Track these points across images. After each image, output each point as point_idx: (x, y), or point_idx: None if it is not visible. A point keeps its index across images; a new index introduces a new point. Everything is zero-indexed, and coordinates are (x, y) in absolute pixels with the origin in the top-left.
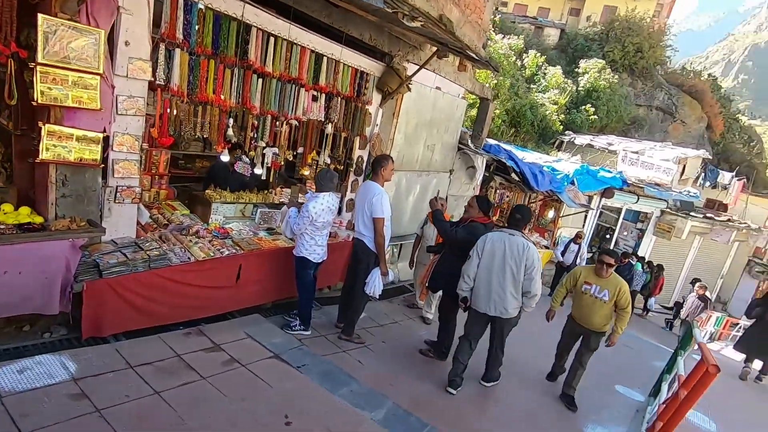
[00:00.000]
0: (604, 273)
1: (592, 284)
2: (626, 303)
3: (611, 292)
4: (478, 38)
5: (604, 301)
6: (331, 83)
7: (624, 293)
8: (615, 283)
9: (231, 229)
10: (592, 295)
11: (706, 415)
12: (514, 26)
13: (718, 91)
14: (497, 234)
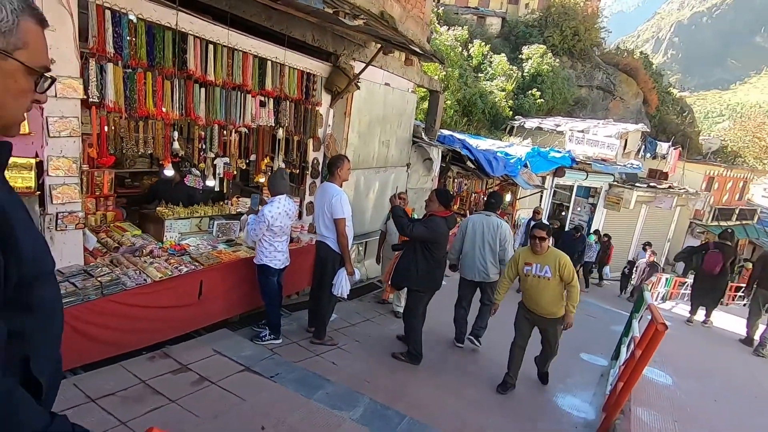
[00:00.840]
0: (539, 249)
1: (532, 263)
2: (570, 275)
3: (552, 267)
4: (422, 32)
5: (548, 279)
6: (278, 87)
7: (565, 265)
8: (554, 257)
9: (188, 245)
10: (534, 275)
11: (662, 370)
12: (458, 17)
13: (650, 68)
14: (477, 216)
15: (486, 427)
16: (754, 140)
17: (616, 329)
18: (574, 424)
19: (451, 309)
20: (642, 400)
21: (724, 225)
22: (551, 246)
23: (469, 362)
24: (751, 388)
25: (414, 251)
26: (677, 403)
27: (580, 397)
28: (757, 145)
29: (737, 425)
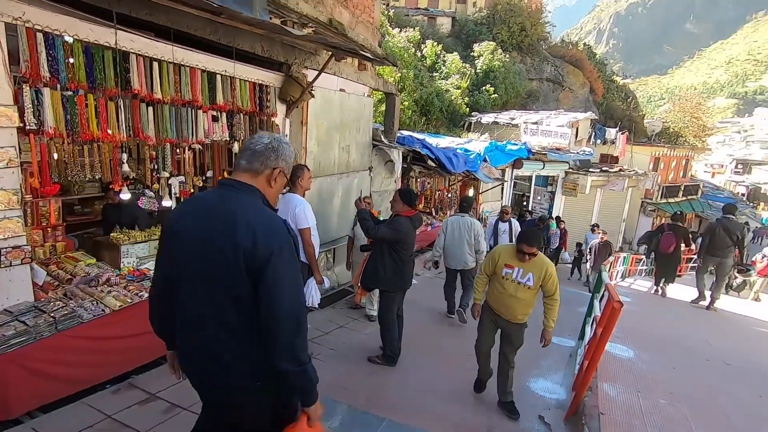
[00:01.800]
0: (527, 260)
1: (514, 267)
2: (554, 288)
3: (536, 276)
4: (373, 36)
5: (528, 287)
6: (230, 101)
7: (551, 276)
8: (541, 265)
9: (147, 269)
10: (514, 279)
11: (624, 345)
12: (409, 19)
13: (594, 58)
14: (454, 218)
15: (464, 419)
16: (692, 120)
17: (581, 310)
18: (547, 405)
19: (422, 310)
20: (607, 375)
21: (672, 202)
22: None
23: (445, 360)
24: (703, 352)
25: (381, 252)
26: (639, 375)
27: (552, 380)
28: (695, 125)
29: (693, 388)
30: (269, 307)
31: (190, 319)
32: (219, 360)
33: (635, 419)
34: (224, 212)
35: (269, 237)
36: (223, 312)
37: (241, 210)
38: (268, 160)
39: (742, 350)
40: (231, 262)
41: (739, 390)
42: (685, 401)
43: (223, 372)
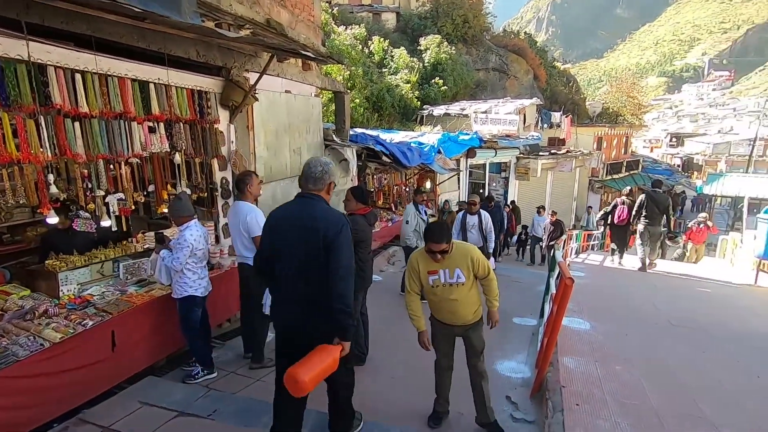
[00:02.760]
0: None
1: (437, 271)
2: (486, 269)
3: (465, 268)
4: (315, 35)
5: (462, 284)
6: (167, 110)
7: (478, 260)
8: (463, 255)
9: (90, 295)
10: (444, 284)
11: (581, 318)
12: (354, 16)
13: (535, 46)
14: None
15: None
16: (628, 99)
17: (540, 289)
18: (513, 385)
19: (386, 305)
20: (567, 349)
21: (616, 178)
22: (455, 241)
23: (413, 354)
24: (652, 316)
25: None
26: (596, 345)
27: (516, 359)
28: (632, 104)
29: (644, 351)
30: (332, 266)
31: (290, 279)
32: (314, 301)
33: (594, 388)
34: (308, 213)
35: (335, 225)
36: (310, 272)
37: (317, 211)
38: (324, 180)
39: (685, 310)
40: (315, 242)
41: (684, 348)
42: (638, 365)
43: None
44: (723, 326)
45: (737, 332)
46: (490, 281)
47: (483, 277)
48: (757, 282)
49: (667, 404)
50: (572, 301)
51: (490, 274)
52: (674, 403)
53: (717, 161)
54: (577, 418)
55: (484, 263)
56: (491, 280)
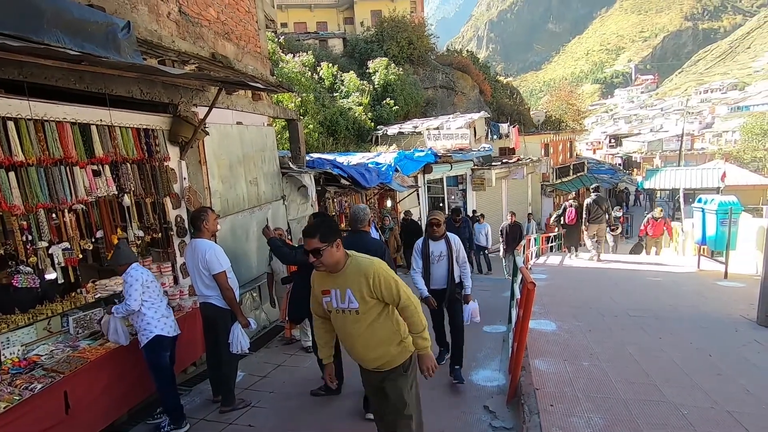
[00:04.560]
0: (320, 266)
1: (329, 290)
2: (394, 293)
3: (356, 290)
4: (263, 66)
5: (356, 311)
6: (112, 151)
7: (380, 280)
8: (356, 271)
9: (37, 356)
10: (338, 309)
11: (547, 320)
12: (301, 44)
13: (477, 63)
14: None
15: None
16: (568, 106)
17: (505, 295)
18: (489, 394)
19: None
20: (537, 351)
21: (565, 181)
22: (349, 253)
23: None
24: (611, 309)
25: (304, 279)
26: (563, 344)
27: (490, 367)
28: (572, 110)
29: (607, 344)
30: None
31: None
32: None
33: (566, 387)
34: (362, 243)
35: (380, 248)
36: None
37: (368, 241)
38: (366, 220)
39: (640, 300)
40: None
41: (643, 336)
42: (603, 358)
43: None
44: (675, 311)
45: (687, 316)
46: (406, 310)
47: (396, 304)
48: (699, 266)
49: (632, 393)
50: (537, 303)
51: (403, 297)
52: (639, 391)
53: (653, 157)
54: (552, 418)
55: (389, 284)
56: (408, 309)
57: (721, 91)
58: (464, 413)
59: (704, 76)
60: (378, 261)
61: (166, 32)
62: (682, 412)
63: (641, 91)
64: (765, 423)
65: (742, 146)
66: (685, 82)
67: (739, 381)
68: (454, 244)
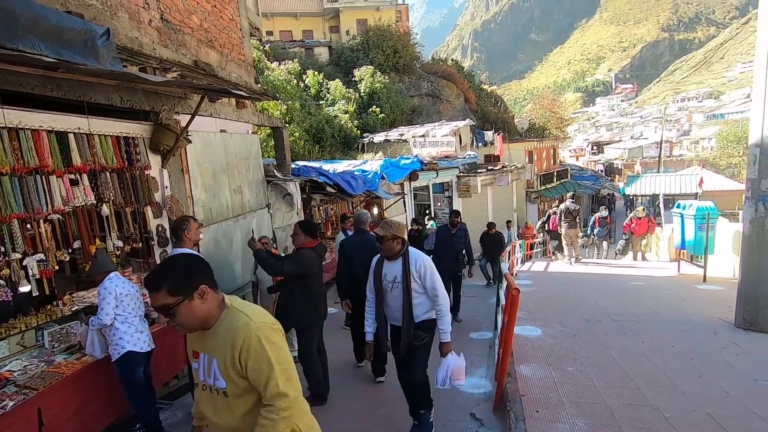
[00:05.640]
0: (173, 326)
1: (199, 354)
2: (266, 379)
3: (222, 362)
4: (247, 73)
5: (224, 392)
6: (90, 160)
7: (251, 354)
8: (226, 334)
9: (10, 372)
10: (204, 383)
11: (532, 325)
12: (286, 52)
13: (462, 71)
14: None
15: None
16: (551, 114)
17: (493, 301)
18: (476, 401)
19: (344, 338)
20: (523, 357)
21: (549, 187)
22: (228, 302)
23: (375, 388)
24: (594, 314)
25: (290, 290)
26: (548, 350)
27: (477, 374)
28: (555, 118)
29: (591, 349)
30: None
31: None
32: None
33: (551, 392)
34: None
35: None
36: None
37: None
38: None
39: (622, 305)
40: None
41: (626, 341)
42: (587, 363)
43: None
44: (656, 315)
45: (668, 319)
46: (270, 411)
47: (262, 392)
48: (679, 270)
49: (616, 397)
50: (523, 309)
51: (274, 391)
52: (622, 395)
53: (633, 164)
54: (538, 425)
55: (259, 360)
56: (273, 410)
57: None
58: (451, 421)
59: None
60: (263, 322)
61: (147, 39)
62: (664, 415)
63: (621, 100)
64: (744, 425)
65: (718, 153)
66: (663, 91)
67: (719, 383)
68: (414, 266)
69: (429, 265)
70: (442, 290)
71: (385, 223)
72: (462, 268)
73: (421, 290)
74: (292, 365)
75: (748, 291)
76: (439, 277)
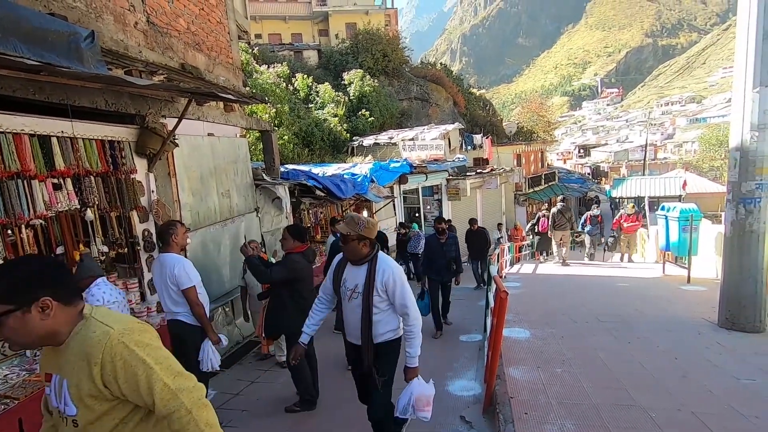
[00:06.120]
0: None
1: (51, 376)
2: (148, 389)
3: (75, 385)
4: (235, 77)
5: (74, 422)
6: (74, 164)
7: (119, 368)
8: (79, 350)
9: None
10: (54, 410)
11: (521, 327)
12: (275, 55)
13: (451, 75)
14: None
15: None
16: (539, 118)
17: (482, 304)
18: (466, 404)
19: (333, 340)
20: (512, 359)
21: (537, 190)
22: (87, 313)
23: None
24: (582, 316)
25: (280, 295)
26: (537, 352)
27: (467, 377)
28: (542, 121)
29: (579, 351)
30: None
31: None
32: None
33: (540, 394)
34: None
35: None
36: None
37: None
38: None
39: (609, 306)
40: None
41: (613, 342)
42: (576, 365)
43: None
44: (642, 316)
45: (654, 320)
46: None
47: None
48: (664, 272)
49: (603, 398)
50: (512, 311)
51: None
52: (610, 396)
53: (619, 167)
54: (526, 427)
55: (135, 372)
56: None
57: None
58: (440, 424)
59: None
60: (128, 328)
61: (133, 42)
62: (650, 414)
63: (607, 104)
64: (727, 422)
65: (700, 156)
66: (647, 95)
67: (702, 382)
68: (381, 276)
69: (399, 278)
70: (413, 307)
71: (350, 219)
72: (452, 277)
73: (386, 306)
74: (176, 362)
75: (730, 291)
76: (411, 291)
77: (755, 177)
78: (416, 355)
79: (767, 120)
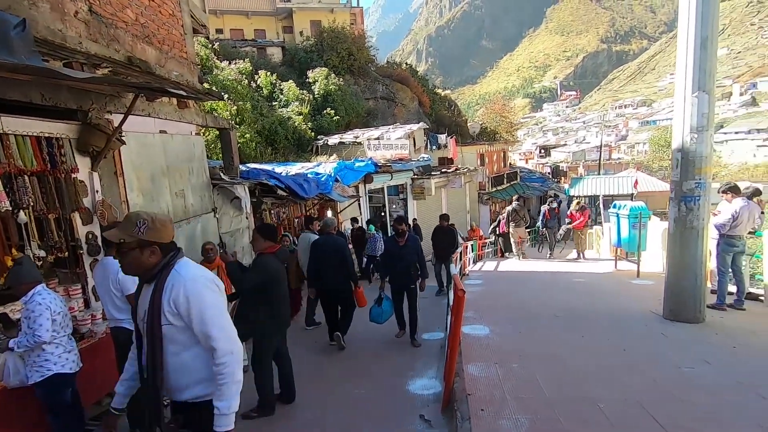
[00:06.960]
0: None
1: None
2: None
3: None
4: (190, 72)
5: None
6: (5, 162)
7: None
8: None
9: None
10: None
11: (481, 324)
12: (237, 51)
13: (417, 75)
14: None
15: None
16: (502, 119)
17: (446, 302)
18: (426, 402)
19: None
20: (470, 356)
21: (500, 189)
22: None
23: (341, 387)
24: (539, 311)
25: (251, 297)
26: (495, 348)
27: (427, 376)
28: (505, 122)
29: (535, 346)
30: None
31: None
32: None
33: (495, 390)
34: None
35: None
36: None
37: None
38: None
39: (565, 301)
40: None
41: (568, 336)
42: (532, 360)
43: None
44: (594, 310)
45: (605, 313)
46: None
47: None
48: (616, 267)
49: (557, 391)
50: (472, 308)
51: None
52: (563, 389)
53: (577, 167)
54: (482, 423)
55: None
56: None
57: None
58: (400, 424)
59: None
60: None
61: (73, 33)
62: (599, 405)
63: (566, 106)
64: (667, 409)
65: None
66: (603, 98)
67: (648, 373)
68: (168, 294)
69: (196, 293)
70: (222, 336)
71: (126, 220)
72: (415, 281)
73: (191, 340)
74: None
75: (673, 285)
76: (222, 312)
77: (695, 176)
78: (232, 411)
79: (705, 123)
